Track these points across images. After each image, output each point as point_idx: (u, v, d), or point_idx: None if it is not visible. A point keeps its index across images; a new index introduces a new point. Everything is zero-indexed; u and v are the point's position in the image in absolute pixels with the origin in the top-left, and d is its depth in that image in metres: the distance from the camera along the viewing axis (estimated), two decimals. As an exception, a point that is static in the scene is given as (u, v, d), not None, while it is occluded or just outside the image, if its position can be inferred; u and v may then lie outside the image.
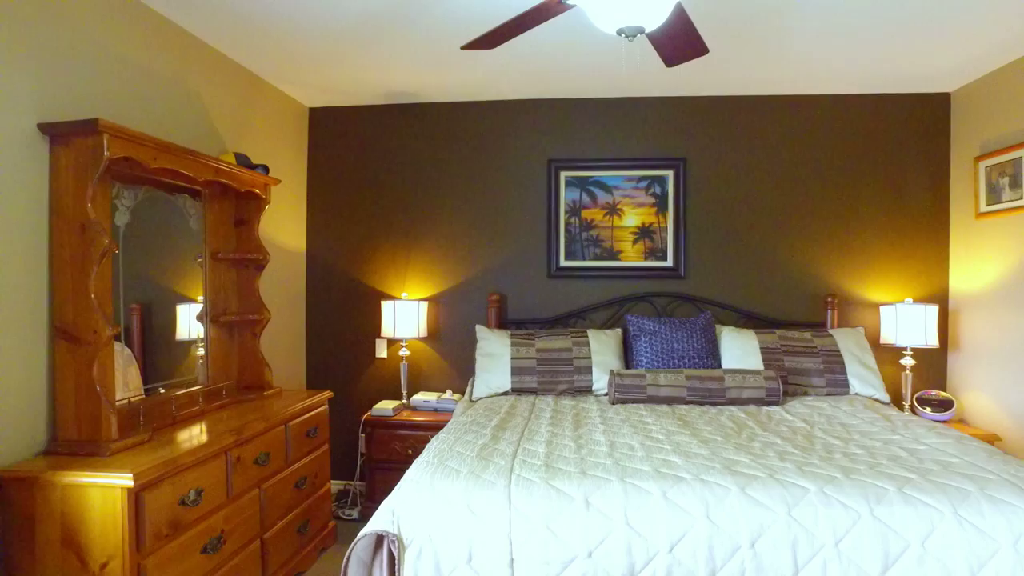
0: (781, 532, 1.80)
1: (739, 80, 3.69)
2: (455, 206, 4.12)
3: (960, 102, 3.78)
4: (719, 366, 3.49)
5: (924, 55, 3.26)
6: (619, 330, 3.76)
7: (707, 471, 2.02)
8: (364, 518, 3.61)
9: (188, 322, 2.87)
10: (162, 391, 2.61)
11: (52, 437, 2.13)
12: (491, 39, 2.25)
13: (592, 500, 1.89)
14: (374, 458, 3.67)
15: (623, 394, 3.16)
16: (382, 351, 4.16)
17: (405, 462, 3.55)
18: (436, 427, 3.56)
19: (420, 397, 3.85)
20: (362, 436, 3.82)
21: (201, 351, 2.93)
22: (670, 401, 3.14)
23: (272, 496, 2.68)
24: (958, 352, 3.78)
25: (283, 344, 3.87)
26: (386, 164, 4.16)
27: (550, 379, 3.44)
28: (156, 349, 2.69)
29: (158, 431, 2.37)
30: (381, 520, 1.89)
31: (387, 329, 3.88)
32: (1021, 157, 3.24)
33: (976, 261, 3.62)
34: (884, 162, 3.89)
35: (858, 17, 2.82)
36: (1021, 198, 3.24)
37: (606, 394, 3.36)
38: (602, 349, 3.54)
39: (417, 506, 1.91)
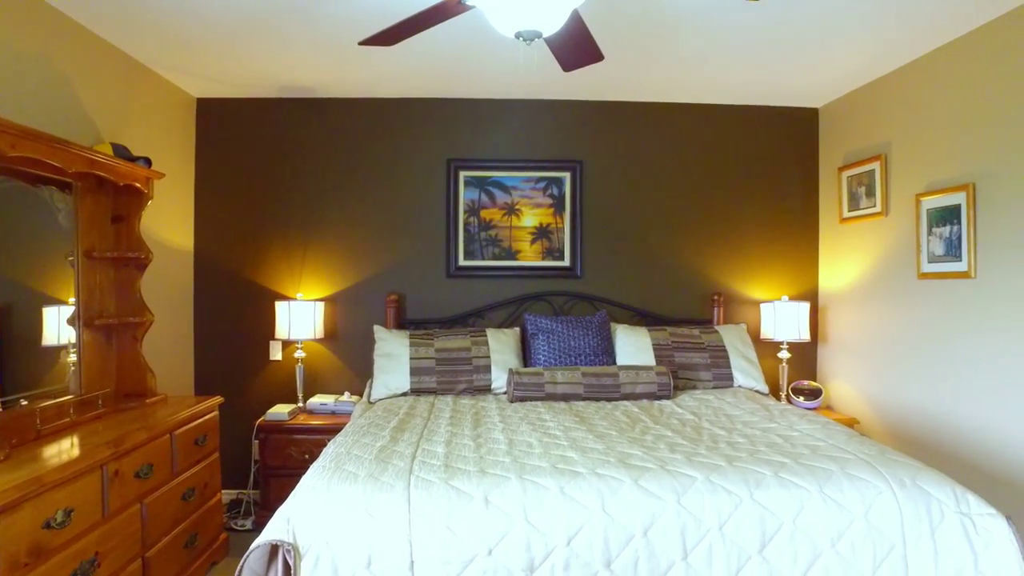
0: (671, 520, 1.89)
1: (633, 87, 3.85)
2: (353, 204, 4.03)
3: (826, 117, 4.12)
4: (614, 363, 3.62)
5: (795, 73, 3.53)
6: (517, 329, 3.82)
7: (602, 465, 2.10)
8: (258, 528, 3.47)
9: (58, 326, 2.64)
10: (24, 403, 2.39)
11: None
12: (389, 36, 2.23)
13: (491, 498, 1.91)
14: (269, 465, 3.53)
15: (522, 392, 3.21)
16: (276, 353, 4.01)
17: (302, 468, 3.42)
18: (334, 430, 3.47)
19: (317, 400, 3.74)
20: (255, 442, 3.67)
21: (73, 357, 2.71)
22: (567, 398, 3.23)
23: (156, 511, 2.52)
24: (826, 345, 4.12)
25: (169, 348, 3.64)
26: (280, 160, 4.01)
27: (449, 379, 3.44)
28: (17, 356, 2.46)
29: (18, 448, 2.16)
30: (275, 529, 1.83)
31: (282, 330, 3.75)
32: (874, 169, 3.58)
33: (840, 262, 3.97)
34: (763, 169, 4.17)
35: (739, 36, 3.01)
36: (875, 205, 3.58)
37: (505, 392, 3.40)
38: (501, 348, 3.58)
39: (314, 512, 1.86)
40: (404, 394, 3.42)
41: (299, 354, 3.81)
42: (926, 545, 1.90)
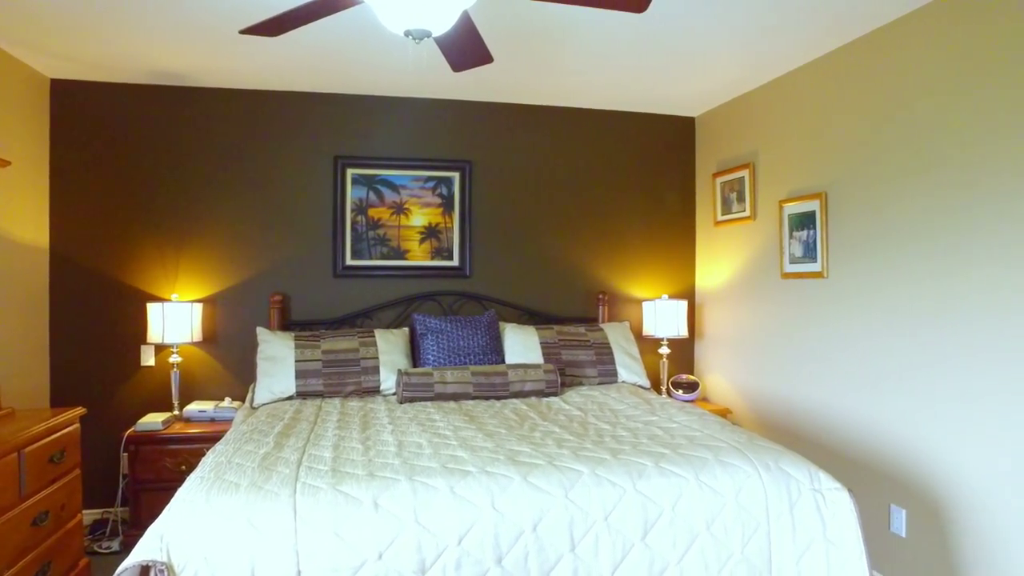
0: (559, 514, 1.95)
1: (522, 90, 3.91)
2: (233, 201, 3.83)
3: (702, 126, 4.39)
4: (503, 361, 3.67)
5: (673, 84, 3.73)
6: (406, 329, 3.78)
7: (492, 463, 2.13)
8: (127, 549, 3.22)
9: None
10: None
11: None
12: (274, 26, 2.14)
13: (381, 501, 1.89)
14: (139, 479, 3.29)
15: (411, 393, 3.19)
16: (149, 359, 3.73)
17: (178, 480, 3.22)
18: (214, 438, 3.29)
19: (195, 407, 3.53)
20: (124, 455, 3.40)
21: (-101, 368, 2.39)
22: (457, 397, 3.24)
23: None
24: (702, 340, 4.39)
25: (18, 356, 3.30)
26: (152, 151, 3.74)
27: (337, 381, 3.35)
28: None
29: None
30: (146, 548, 1.71)
31: (155, 334, 3.50)
32: (744, 176, 3.86)
33: (714, 263, 4.24)
34: (645, 174, 4.37)
35: (621, 46, 3.14)
36: (745, 210, 3.86)
37: (394, 394, 3.36)
38: (389, 349, 3.53)
39: (190, 527, 1.76)
40: (289, 398, 3.30)
41: (174, 359, 3.58)
42: (786, 520, 2.07)
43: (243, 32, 2.20)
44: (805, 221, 3.34)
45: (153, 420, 3.35)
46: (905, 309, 2.78)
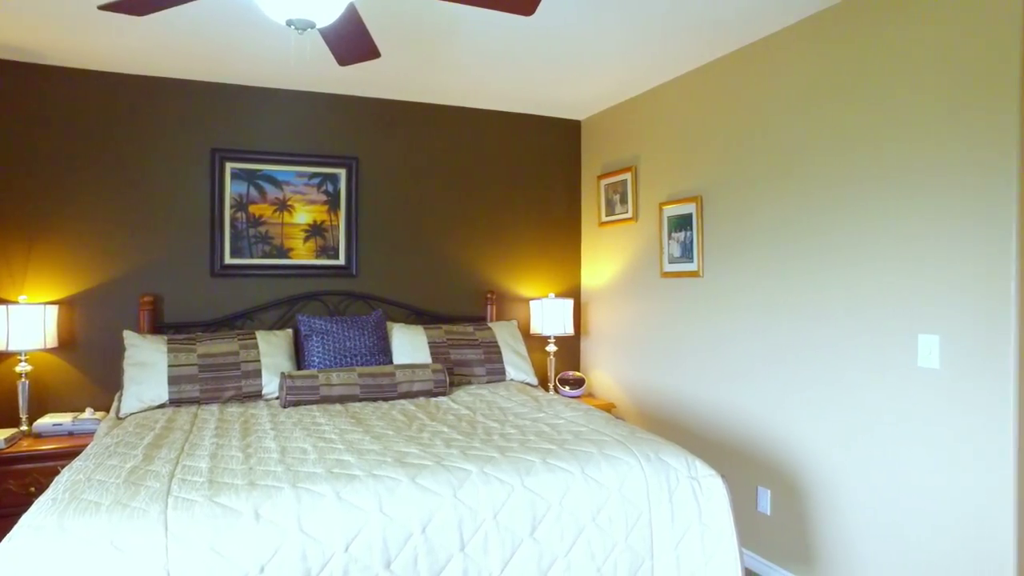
0: (448, 514, 1.95)
1: (411, 87, 3.86)
2: (96, 194, 3.52)
3: (588, 129, 4.53)
4: (391, 362, 3.61)
5: (560, 87, 3.82)
6: (290, 330, 3.63)
7: (379, 466, 2.09)
8: (-37, 579, 2.88)
9: None
10: None
11: None
12: (138, 5, 1.99)
13: (262, 511, 1.80)
14: (-22, 502, 2.95)
15: (295, 396, 3.07)
16: (-11, 368, 3.36)
17: (25, 505, 2.93)
18: (72, 454, 3.02)
19: (48, 420, 3.21)
20: (-41, 476, 3.04)
21: None
22: (343, 400, 3.16)
23: None
24: (588, 337, 4.53)
25: None
26: (-8, 137, 3.36)
27: (215, 386, 3.17)
28: None
29: None
30: (-13, 579, 1.54)
31: (-4, 340, 3.15)
32: (626, 179, 4.02)
33: (599, 262, 4.39)
34: (532, 174, 4.45)
35: (509, 47, 3.17)
36: (628, 212, 4.02)
37: (277, 398, 3.23)
38: (272, 351, 3.38)
39: (38, 557, 1.59)
40: (161, 406, 3.08)
41: (23, 367, 3.23)
42: (665, 508, 2.18)
43: (102, 8, 2.02)
44: (683, 223, 3.52)
45: (-3, 436, 3.02)
46: (770, 305, 3.01)
